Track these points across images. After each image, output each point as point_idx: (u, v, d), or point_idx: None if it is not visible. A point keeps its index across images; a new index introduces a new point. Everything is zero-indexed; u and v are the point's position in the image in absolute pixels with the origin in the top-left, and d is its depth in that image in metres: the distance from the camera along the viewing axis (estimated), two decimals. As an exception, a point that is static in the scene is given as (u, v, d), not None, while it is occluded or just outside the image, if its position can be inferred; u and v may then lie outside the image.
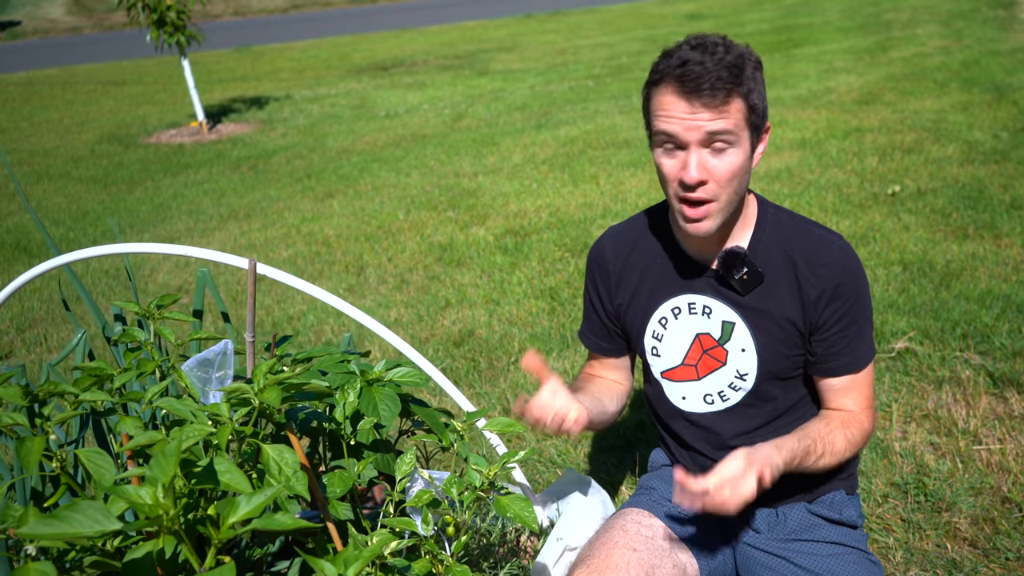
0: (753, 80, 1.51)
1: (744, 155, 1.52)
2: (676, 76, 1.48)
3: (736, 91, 1.47)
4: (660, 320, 1.77)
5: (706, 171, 1.50)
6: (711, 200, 1.53)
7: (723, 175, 1.51)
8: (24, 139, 11.27)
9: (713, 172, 1.50)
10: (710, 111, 1.46)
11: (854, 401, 1.70)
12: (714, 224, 1.56)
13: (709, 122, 1.47)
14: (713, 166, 1.50)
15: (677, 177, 1.53)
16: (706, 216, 1.55)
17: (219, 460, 1.20)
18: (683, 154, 1.51)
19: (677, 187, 1.54)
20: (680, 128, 1.49)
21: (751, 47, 1.55)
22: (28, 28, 37.37)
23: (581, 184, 6.34)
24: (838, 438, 1.65)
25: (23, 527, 1.03)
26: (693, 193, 1.52)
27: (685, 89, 1.47)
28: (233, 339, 1.85)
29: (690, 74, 1.46)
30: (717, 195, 1.52)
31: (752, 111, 1.51)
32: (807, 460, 1.61)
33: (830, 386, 1.71)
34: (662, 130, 1.51)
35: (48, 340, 4.36)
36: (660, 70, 1.51)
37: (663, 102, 1.51)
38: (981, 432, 2.75)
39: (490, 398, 3.30)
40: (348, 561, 1.16)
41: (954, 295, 3.70)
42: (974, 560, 2.23)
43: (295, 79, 15.46)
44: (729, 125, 1.48)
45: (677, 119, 1.49)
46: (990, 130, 6.45)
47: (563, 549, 1.90)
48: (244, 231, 6.09)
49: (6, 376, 1.40)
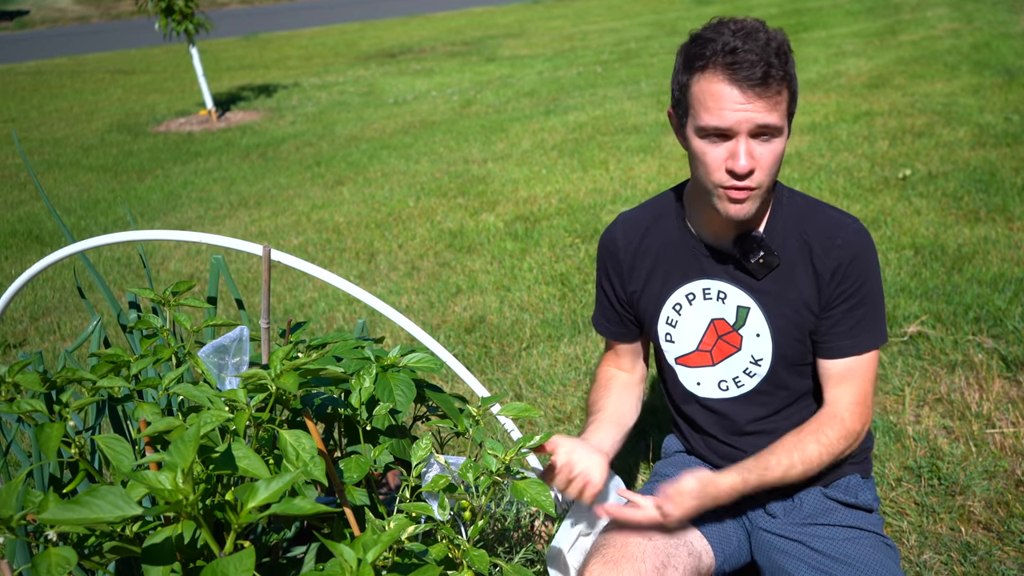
0: (794, 67, 1.49)
1: (784, 142, 1.51)
2: (726, 64, 1.43)
3: (785, 79, 1.46)
4: (674, 306, 1.76)
5: (754, 159, 1.48)
6: (756, 187, 1.51)
7: (768, 162, 1.49)
8: (34, 128, 11.29)
9: (760, 160, 1.48)
10: (763, 100, 1.43)
11: (848, 391, 1.67)
12: (754, 207, 1.55)
13: (761, 113, 1.44)
14: (760, 154, 1.48)
15: (723, 166, 1.50)
16: (748, 199, 1.53)
17: (237, 446, 1.21)
18: (731, 143, 1.48)
19: (723, 176, 1.50)
20: (733, 118, 1.45)
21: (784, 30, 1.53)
22: (36, 18, 37.40)
23: (590, 170, 6.33)
24: (809, 446, 1.64)
25: (44, 513, 1.04)
26: (742, 181, 1.50)
27: (737, 77, 1.42)
28: (247, 326, 1.85)
29: (743, 61, 1.42)
30: (761, 182, 1.51)
31: (792, 99, 1.50)
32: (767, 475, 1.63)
33: (827, 370, 1.69)
34: (712, 125, 1.47)
35: (62, 328, 4.38)
36: (707, 56, 1.45)
37: (712, 91, 1.46)
38: (994, 415, 2.75)
39: (502, 384, 3.31)
40: (367, 545, 1.16)
41: (966, 279, 3.69)
42: (988, 543, 2.22)
43: (303, 67, 15.45)
44: (778, 117, 1.46)
45: (729, 109, 1.44)
46: (1001, 113, 6.41)
47: (578, 534, 1.90)
48: (254, 219, 6.10)
49: (24, 363, 1.41)
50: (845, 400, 1.67)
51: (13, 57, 23.22)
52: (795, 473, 1.64)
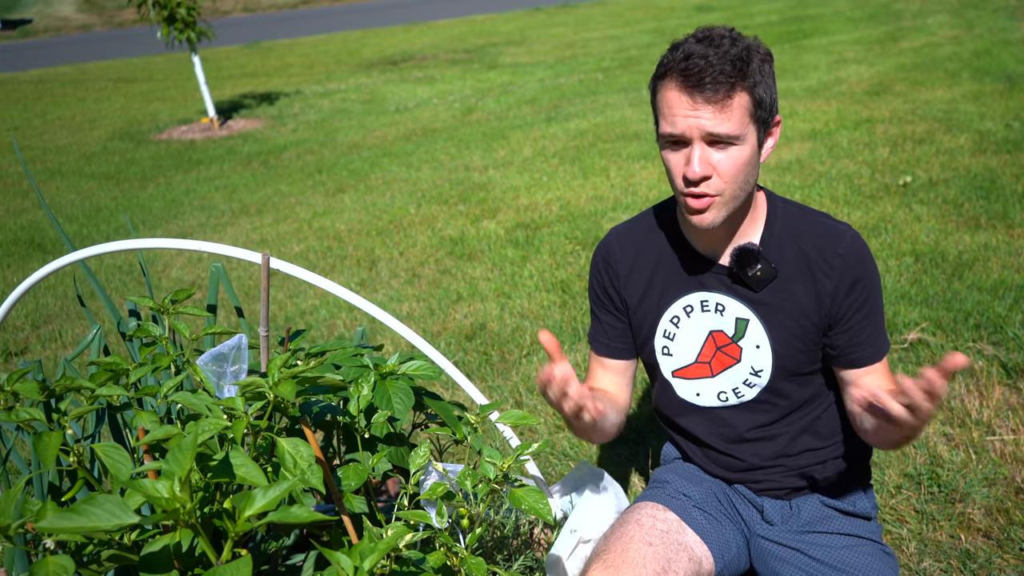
0: (760, 73, 1.47)
1: (750, 150, 1.50)
2: (680, 70, 1.45)
3: (740, 85, 1.45)
4: (672, 319, 1.75)
5: (710, 166, 1.48)
6: (716, 194, 1.51)
7: (727, 170, 1.49)
8: (37, 136, 11.32)
9: (717, 167, 1.48)
10: (712, 106, 1.44)
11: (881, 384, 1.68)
12: (718, 216, 1.54)
13: (710, 121, 1.44)
14: (717, 161, 1.48)
15: (681, 172, 1.51)
16: (709, 207, 1.52)
17: (235, 454, 1.21)
18: (687, 149, 1.49)
19: (681, 182, 1.52)
20: (683, 125, 1.46)
21: (760, 39, 1.53)
22: (39, 26, 37.51)
23: (591, 177, 6.33)
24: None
25: (42, 521, 1.04)
26: (697, 188, 1.50)
27: (687, 84, 1.44)
28: (247, 333, 1.86)
29: (693, 68, 1.43)
30: (721, 190, 1.50)
31: (758, 105, 1.48)
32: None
33: (856, 377, 1.68)
34: (667, 132, 1.50)
35: (63, 336, 4.39)
36: (665, 64, 1.49)
37: (667, 97, 1.48)
38: (994, 423, 2.75)
39: (502, 391, 3.31)
40: (364, 553, 1.17)
41: (966, 286, 3.69)
42: (988, 551, 2.22)
43: (305, 74, 15.48)
44: (730, 126, 1.45)
45: (680, 116, 1.46)
46: (1002, 120, 6.42)
47: (577, 541, 1.90)
48: (256, 226, 6.11)
49: (23, 372, 1.41)
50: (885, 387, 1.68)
51: (16, 65, 23.29)
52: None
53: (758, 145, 1.52)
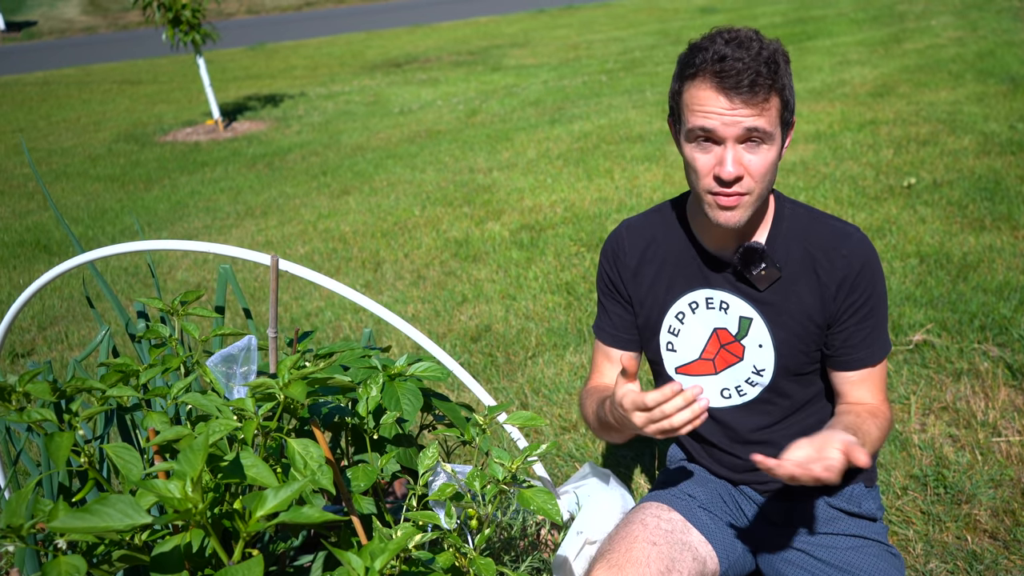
0: (787, 76, 1.49)
1: (777, 150, 1.51)
2: (715, 71, 1.45)
3: (774, 88, 1.46)
4: (677, 315, 1.76)
5: (742, 166, 1.49)
6: (746, 193, 1.52)
7: (758, 170, 1.50)
8: (42, 138, 11.34)
9: (749, 167, 1.49)
10: (750, 108, 1.44)
11: (870, 394, 1.70)
12: (745, 215, 1.55)
13: (748, 118, 1.45)
14: (749, 161, 1.49)
15: (711, 172, 1.51)
16: (738, 206, 1.53)
17: (245, 454, 1.22)
18: (719, 149, 1.49)
19: (711, 182, 1.52)
20: (719, 124, 1.46)
21: (780, 41, 1.54)
22: (44, 28, 37.58)
23: (596, 179, 6.34)
24: (871, 428, 1.62)
25: (54, 521, 1.05)
26: (729, 188, 1.51)
27: (724, 85, 1.44)
28: (255, 335, 1.86)
29: (730, 70, 1.43)
30: (751, 189, 1.51)
31: (785, 107, 1.50)
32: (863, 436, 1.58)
33: (846, 379, 1.70)
34: (699, 125, 1.48)
35: (69, 337, 4.40)
36: (696, 64, 1.48)
37: (700, 97, 1.48)
38: (1000, 424, 2.75)
39: (508, 393, 3.32)
40: (374, 554, 1.17)
41: (971, 287, 3.69)
42: (994, 552, 2.22)
43: (309, 76, 15.50)
44: (767, 123, 1.46)
45: (716, 115, 1.46)
46: (1006, 121, 6.42)
47: (583, 542, 1.91)
48: (261, 228, 6.12)
49: (34, 372, 1.42)
50: (875, 398, 1.70)
51: (21, 67, 23.33)
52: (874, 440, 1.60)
53: (782, 145, 1.54)
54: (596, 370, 1.93)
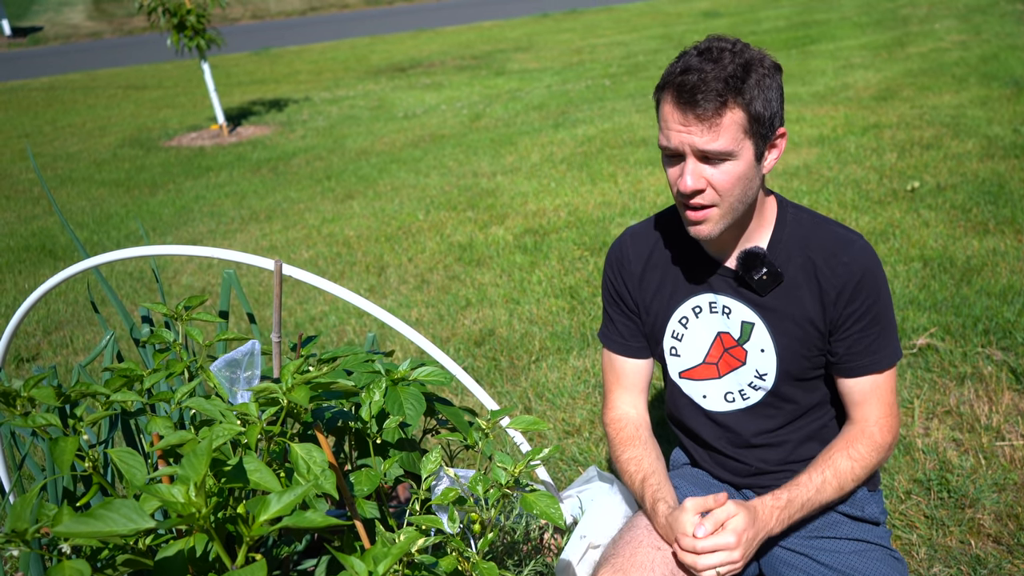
0: (759, 88, 1.47)
1: (745, 164, 1.50)
2: (675, 85, 1.47)
3: (732, 102, 1.45)
4: (681, 319, 1.77)
5: (703, 180, 1.50)
6: (712, 206, 1.53)
7: (722, 184, 1.50)
8: (47, 143, 11.37)
9: (711, 180, 1.50)
10: (701, 124, 1.45)
11: (874, 407, 1.68)
12: (715, 228, 1.56)
13: (700, 138, 1.46)
14: (711, 175, 1.50)
15: (675, 184, 1.54)
16: (706, 220, 1.55)
17: (248, 459, 1.22)
18: (683, 162, 1.52)
19: (678, 194, 1.55)
20: (676, 140, 1.49)
21: (766, 51, 1.52)
22: (49, 34, 37.67)
23: (599, 183, 6.34)
24: (841, 461, 1.65)
25: (58, 526, 1.05)
26: (691, 200, 1.53)
27: (680, 100, 1.46)
28: (259, 339, 1.87)
29: (686, 84, 1.45)
30: (717, 202, 1.52)
31: (755, 120, 1.48)
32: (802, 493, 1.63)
33: (851, 389, 1.69)
34: (661, 143, 1.53)
35: (74, 342, 4.41)
36: (665, 76, 1.51)
37: (664, 112, 1.51)
38: (1004, 428, 2.75)
39: (511, 397, 3.32)
40: (377, 558, 1.17)
41: (975, 291, 3.68)
42: (998, 556, 2.22)
43: (313, 81, 15.53)
44: (721, 143, 1.46)
45: (674, 131, 1.49)
46: (1010, 125, 6.41)
47: (587, 547, 1.91)
48: (265, 233, 6.13)
49: (39, 377, 1.43)
50: (873, 416, 1.68)
51: (27, 73, 23.38)
52: (830, 490, 1.64)
53: (756, 158, 1.53)
54: (611, 388, 1.92)
